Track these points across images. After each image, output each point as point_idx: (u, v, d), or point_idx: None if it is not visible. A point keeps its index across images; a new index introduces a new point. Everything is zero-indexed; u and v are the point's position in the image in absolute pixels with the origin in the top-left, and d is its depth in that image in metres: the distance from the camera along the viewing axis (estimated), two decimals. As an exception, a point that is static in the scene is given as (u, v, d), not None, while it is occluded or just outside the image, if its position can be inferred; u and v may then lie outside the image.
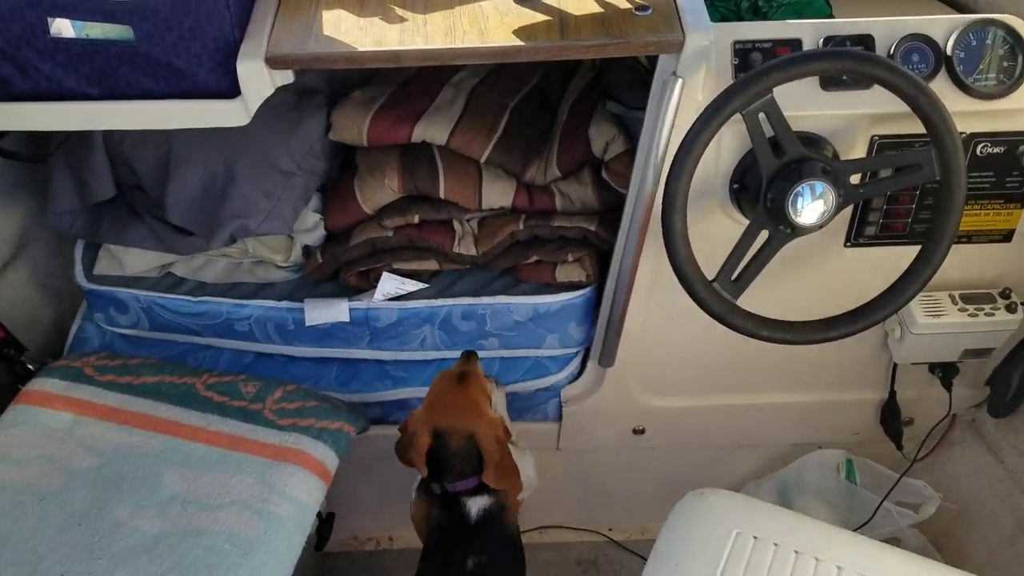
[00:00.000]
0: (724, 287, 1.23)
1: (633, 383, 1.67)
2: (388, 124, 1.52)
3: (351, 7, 1.26)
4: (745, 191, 1.33)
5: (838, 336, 1.26)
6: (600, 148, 1.49)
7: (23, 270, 1.68)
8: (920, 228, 1.40)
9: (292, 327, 1.60)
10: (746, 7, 1.39)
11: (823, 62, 1.13)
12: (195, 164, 1.47)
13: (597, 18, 1.21)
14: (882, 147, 1.31)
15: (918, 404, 1.70)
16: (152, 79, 1.21)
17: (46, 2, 1.16)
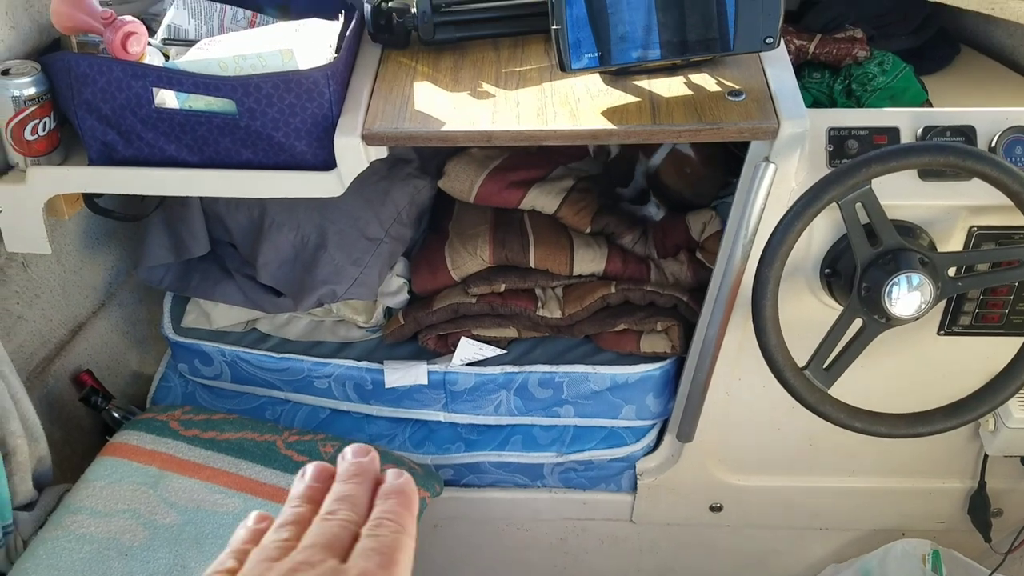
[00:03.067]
0: (816, 375, 1.21)
1: (711, 459, 1.64)
2: (501, 185, 1.55)
3: (444, 84, 1.28)
4: (837, 276, 1.30)
5: (932, 432, 1.22)
6: (698, 232, 1.50)
7: (111, 318, 1.73)
8: (1017, 319, 1.35)
9: (370, 387, 1.62)
10: (839, 90, 1.37)
11: (925, 156, 1.11)
12: (288, 228, 1.51)
13: (688, 101, 1.21)
14: (980, 238, 1.27)
15: (1009, 495, 1.63)
16: (251, 150, 1.24)
17: (152, 74, 1.21)
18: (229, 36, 1.28)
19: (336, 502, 0.44)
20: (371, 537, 0.42)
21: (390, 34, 1.32)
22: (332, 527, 0.42)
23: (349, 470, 0.46)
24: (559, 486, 1.73)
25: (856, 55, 1.38)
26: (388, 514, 0.44)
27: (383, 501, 0.45)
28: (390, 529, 0.43)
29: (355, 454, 0.47)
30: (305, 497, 0.46)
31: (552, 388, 1.60)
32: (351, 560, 0.41)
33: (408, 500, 0.45)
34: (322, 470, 0.48)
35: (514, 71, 1.30)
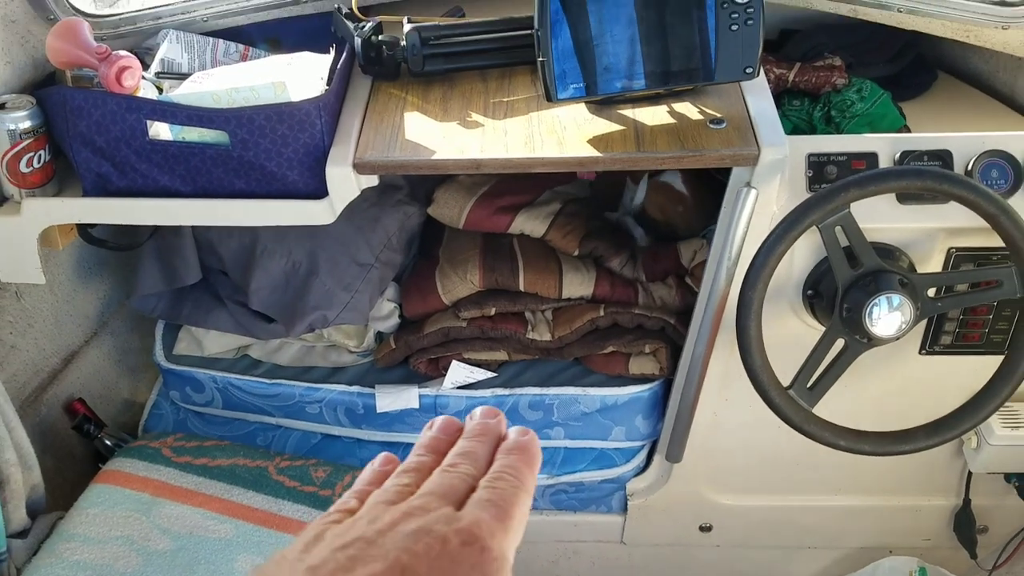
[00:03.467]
0: (800, 395, 1.23)
1: (700, 479, 1.66)
2: (489, 211, 1.58)
3: (434, 114, 1.31)
4: (819, 298, 1.33)
5: (915, 449, 1.24)
6: (688, 259, 1.53)
7: (103, 347, 1.74)
8: (997, 339, 1.38)
9: (362, 411, 1.63)
10: (819, 117, 1.41)
11: (902, 180, 1.14)
12: (279, 255, 1.53)
13: (671, 130, 1.24)
14: (959, 260, 1.30)
15: (993, 512, 1.65)
16: (244, 180, 1.27)
17: (146, 107, 1.23)
18: (222, 69, 1.30)
19: (458, 456, 0.44)
20: (488, 488, 0.42)
21: (380, 66, 1.34)
22: (451, 478, 0.43)
23: (475, 429, 0.46)
24: (550, 508, 1.75)
25: (835, 83, 1.42)
26: (508, 468, 0.44)
27: (504, 456, 0.45)
28: (508, 483, 0.42)
29: (483, 415, 0.47)
30: (430, 447, 0.46)
31: (542, 410, 1.62)
32: (466, 508, 0.41)
33: (531, 457, 0.45)
34: (449, 423, 0.48)
35: (502, 101, 1.33)
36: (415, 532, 0.38)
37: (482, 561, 0.38)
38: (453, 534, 0.38)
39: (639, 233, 1.69)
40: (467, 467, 0.44)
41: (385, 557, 0.37)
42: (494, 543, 0.39)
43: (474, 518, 0.39)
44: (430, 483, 0.43)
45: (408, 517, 0.39)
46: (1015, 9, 1.33)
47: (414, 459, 0.45)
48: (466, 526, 0.39)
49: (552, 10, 1.15)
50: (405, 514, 0.40)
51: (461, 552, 0.37)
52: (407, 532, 0.38)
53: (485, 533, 0.39)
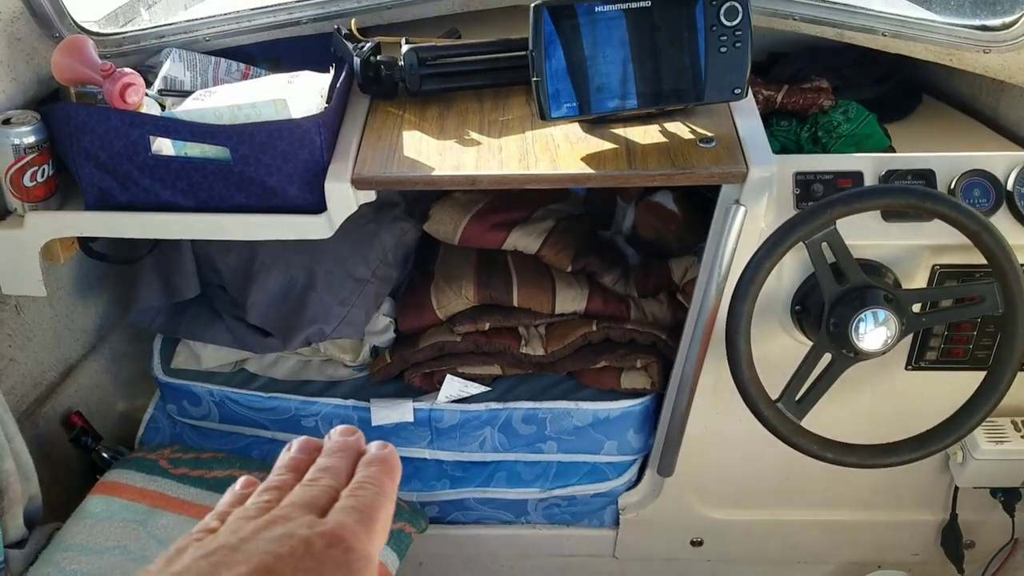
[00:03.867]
0: (788, 408, 1.26)
1: (692, 493, 1.68)
2: (484, 227, 1.60)
3: (430, 132, 1.34)
4: (807, 313, 1.35)
5: (901, 462, 1.27)
6: (679, 276, 1.56)
7: (101, 360, 1.76)
8: (981, 354, 1.40)
9: (356, 425, 1.64)
10: (806, 137, 1.44)
11: (886, 198, 1.17)
12: (277, 269, 1.55)
13: (662, 148, 1.27)
14: (943, 276, 1.33)
15: (980, 527, 1.67)
16: (244, 194, 1.29)
17: (150, 123, 1.26)
18: (223, 87, 1.33)
19: (318, 471, 0.45)
20: (350, 496, 0.43)
21: (378, 85, 1.37)
22: (312, 491, 0.43)
23: (334, 446, 0.47)
24: (543, 522, 1.76)
25: (822, 104, 1.45)
26: (368, 478, 0.45)
27: (364, 468, 0.46)
28: (370, 491, 0.43)
29: (341, 433, 0.48)
30: (289, 467, 0.47)
31: (536, 424, 1.63)
32: (329, 515, 0.42)
33: (391, 467, 0.46)
34: (308, 443, 0.48)
35: (497, 120, 1.36)
36: (279, 537, 0.39)
37: (347, 560, 0.39)
38: (317, 537, 0.39)
39: (630, 253, 1.72)
40: (328, 480, 0.44)
41: (249, 561, 0.37)
42: (358, 544, 0.40)
43: (337, 522, 0.40)
44: (292, 495, 0.43)
45: (271, 525, 0.40)
46: (995, 34, 1.37)
47: (274, 479, 0.46)
48: (330, 529, 0.40)
49: (546, 32, 1.19)
50: (268, 522, 0.40)
51: (326, 553, 0.38)
52: (271, 537, 0.39)
53: (349, 535, 0.40)
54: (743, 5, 1.19)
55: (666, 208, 1.63)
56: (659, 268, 1.65)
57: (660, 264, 1.65)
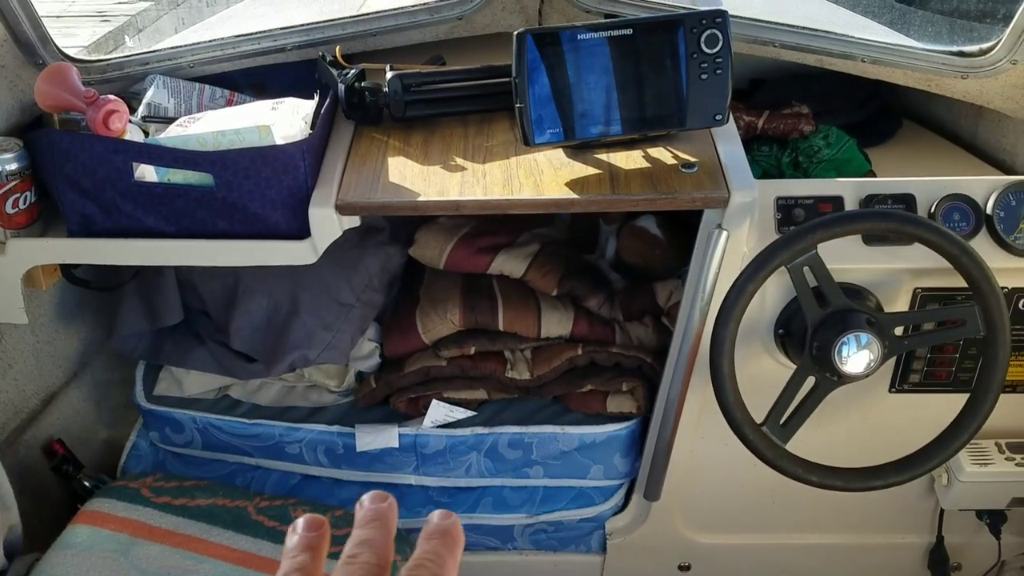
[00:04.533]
0: (773, 431, 1.26)
1: (679, 517, 1.67)
2: (469, 252, 1.60)
3: (415, 158, 1.34)
4: (790, 337, 1.36)
5: (885, 485, 1.27)
6: (664, 299, 1.57)
7: (83, 387, 1.74)
8: (964, 377, 1.41)
9: (342, 451, 1.64)
10: (787, 162, 1.46)
11: (867, 222, 1.18)
12: (260, 294, 1.55)
13: (645, 173, 1.28)
14: (925, 299, 1.34)
15: (966, 549, 1.67)
16: (227, 221, 1.29)
17: (133, 150, 1.26)
18: (207, 113, 1.33)
19: (357, 546, 0.41)
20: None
21: (363, 111, 1.38)
22: (355, 570, 0.40)
23: (367, 515, 0.43)
24: (529, 548, 1.75)
25: (802, 129, 1.47)
26: (428, 554, 0.41)
27: (425, 541, 0.42)
28: (430, 571, 0.40)
29: (372, 500, 0.44)
30: (302, 547, 0.43)
31: (522, 449, 1.63)
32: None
33: (453, 541, 0.42)
34: (313, 520, 0.44)
35: (481, 145, 1.37)
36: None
37: None
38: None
39: (615, 277, 1.73)
40: (367, 556, 0.41)
41: None
42: None
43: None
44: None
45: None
46: (973, 60, 1.40)
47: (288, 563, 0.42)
48: None
49: (529, 59, 1.20)
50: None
51: None
52: None
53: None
54: (723, 33, 1.21)
55: (650, 232, 1.64)
56: (644, 291, 1.65)
57: (645, 287, 1.65)
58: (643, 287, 1.66)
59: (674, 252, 1.63)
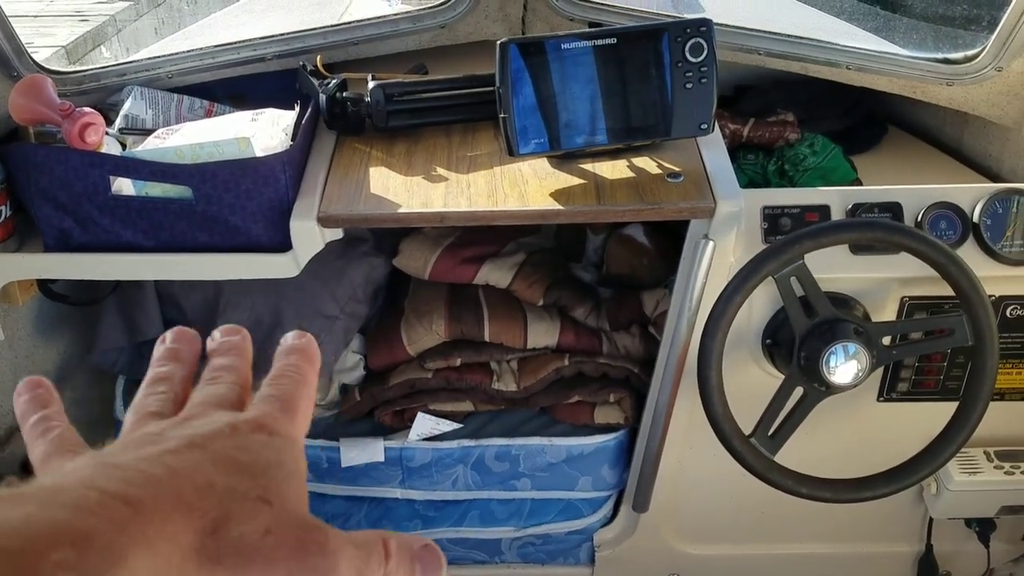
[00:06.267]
0: (761, 443, 1.25)
1: (667, 528, 1.66)
2: (454, 262, 1.59)
3: (398, 168, 1.33)
4: (778, 347, 1.35)
5: (875, 496, 1.26)
6: (651, 308, 1.55)
7: (63, 403, 1.71)
8: (952, 385, 1.40)
9: (326, 465, 1.61)
10: (772, 170, 1.45)
11: (853, 232, 1.17)
12: (243, 308, 1.53)
13: (631, 183, 1.26)
14: (912, 308, 1.33)
15: (955, 558, 1.67)
16: (207, 234, 1.27)
17: (109, 163, 1.24)
18: (186, 125, 1.31)
19: (217, 370, 0.42)
20: (271, 386, 0.40)
21: (345, 122, 1.36)
22: (217, 388, 0.40)
23: (224, 346, 0.44)
24: (517, 561, 1.73)
25: (788, 137, 1.46)
26: (289, 367, 0.42)
27: (284, 357, 0.43)
28: (291, 379, 0.41)
29: (225, 333, 0.45)
30: (169, 356, 0.43)
31: (509, 461, 1.61)
32: (250, 406, 0.39)
33: (310, 356, 0.43)
34: (183, 332, 0.44)
35: (465, 155, 1.36)
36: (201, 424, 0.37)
37: (271, 442, 0.37)
38: (242, 423, 0.37)
39: (601, 289, 1.72)
40: (230, 376, 0.41)
41: (178, 439, 0.35)
42: (281, 429, 0.38)
43: (259, 411, 0.38)
44: (197, 394, 0.40)
45: (188, 419, 0.38)
46: (958, 67, 1.39)
47: (159, 370, 0.42)
48: (252, 417, 0.38)
49: (513, 68, 1.18)
50: (185, 417, 0.38)
51: (250, 436, 0.37)
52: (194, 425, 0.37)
53: (271, 421, 0.38)
54: (708, 42, 1.20)
55: (637, 241, 1.63)
56: (631, 301, 1.64)
57: (632, 296, 1.64)
58: (630, 296, 1.65)
59: (661, 261, 1.62)
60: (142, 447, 0.35)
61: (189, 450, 0.35)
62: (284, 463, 0.37)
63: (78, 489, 0.30)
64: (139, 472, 0.33)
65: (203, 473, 0.34)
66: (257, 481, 0.35)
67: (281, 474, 0.36)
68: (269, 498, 0.35)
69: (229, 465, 0.35)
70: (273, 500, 0.35)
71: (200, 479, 0.33)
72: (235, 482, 0.34)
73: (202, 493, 0.33)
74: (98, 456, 0.35)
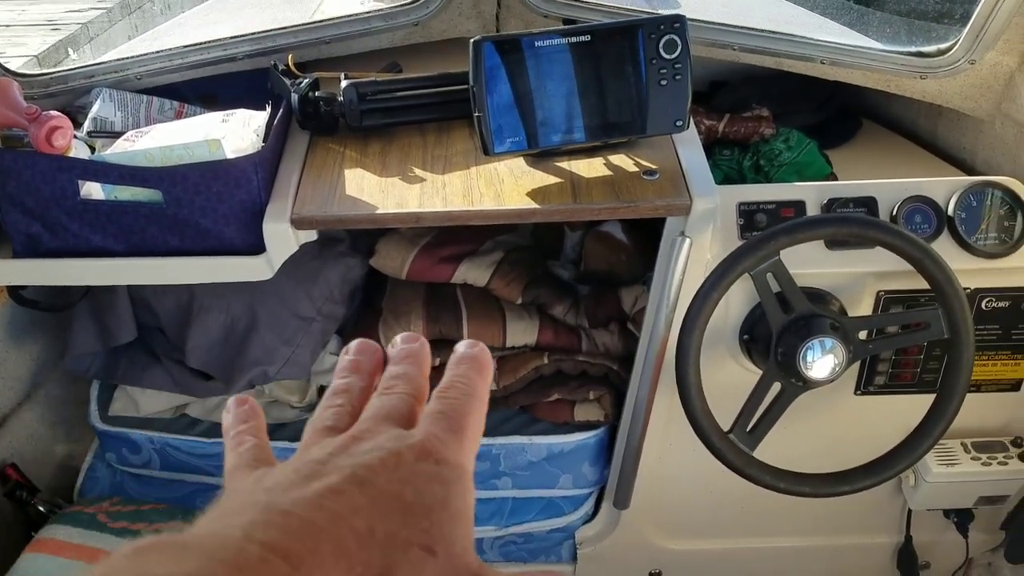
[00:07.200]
0: (740, 438, 1.25)
1: (649, 525, 1.66)
2: (432, 261, 1.58)
3: (372, 169, 1.31)
4: (755, 342, 1.35)
5: (854, 490, 1.26)
6: (629, 305, 1.55)
7: (36, 409, 1.69)
8: (929, 378, 1.41)
9: (305, 468, 1.60)
10: (748, 166, 1.45)
11: (828, 227, 1.17)
12: (217, 310, 1.51)
13: (607, 181, 1.26)
14: (888, 302, 1.34)
15: (934, 548, 1.68)
16: (179, 237, 1.25)
17: (78, 167, 1.22)
18: (156, 127, 1.29)
19: (392, 379, 0.42)
20: (439, 399, 0.40)
21: (318, 121, 1.35)
22: (390, 400, 0.40)
23: (401, 353, 0.44)
24: (499, 560, 1.73)
25: (763, 133, 1.46)
26: (459, 378, 0.41)
27: (454, 367, 0.42)
28: (460, 391, 0.40)
29: (405, 340, 0.45)
30: (351, 368, 0.44)
31: (489, 460, 1.61)
32: (418, 424, 0.39)
33: (481, 365, 0.42)
34: (366, 344, 0.45)
35: (440, 155, 1.34)
36: (367, 451, 0.37)
37: (439, 472, 0.36)
38: (407, 449, 0.36)
39: (579, 286, 1.71)
40: (403, 387, 0.41)
41: (340, 471, 0.35)
42: (449, 455, 0.37)
43: (426, 433, 0.37)
44: (370, 407, 0.40)
45: (356, 441, 0.38)
46: (931, 60, 1.40)
47: (339, 382, 0.43)
48: (419, 441, 0.37)
49: (487, 67, 1.17)
50: (352, 438, 0.38)
51: (416, 466, 0.36)
52: (359, 452, 0.37)
53: (439, 446, 0.37)
54: (681, 38, 1.19)
55: (615, 237, 1.63)
56: (609, 297, 1.63)
57: (610, 293, 1.63)
58: (608, 293, 1.64)
59: (639, 257, 1.62)
60: (308, 483, 0.35)
61: (351, 487, 0.34)
62: (450, 501, 0.36)
63: (240, 543, 0.31)
64: (301, 520, 0.32)
65: (365, 517, 0.33)
66: (420, 525, 0.34)
67: (446, 515, 0.35)
68: (433, 546, 0.34)
69: (392, 505, 0.34)
70: (438, 549, 0.34)
71: (361, 525, 0.33)
72: (397, 527, 0.34)
73: (363, 542, 0.33)
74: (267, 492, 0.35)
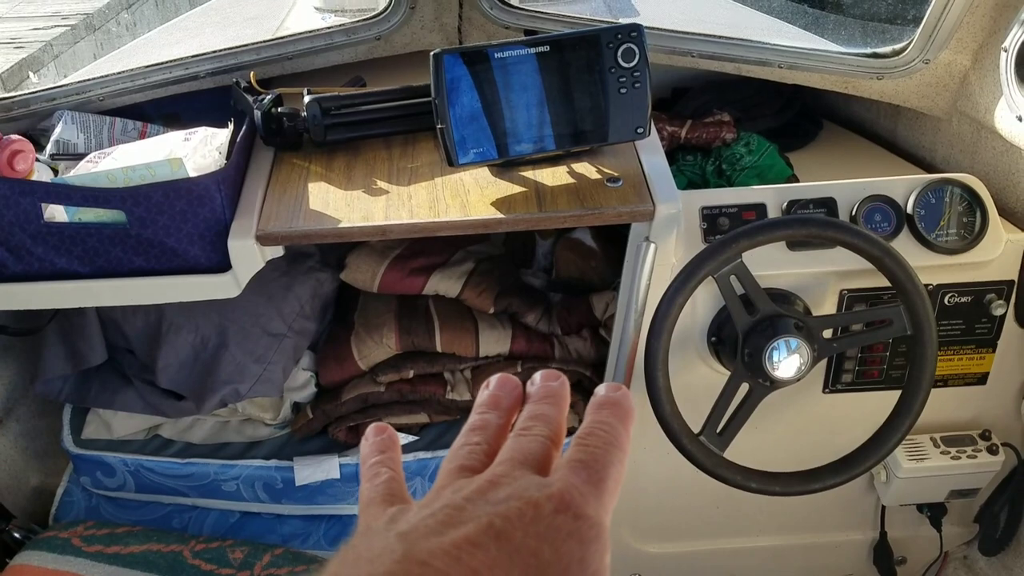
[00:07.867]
0: (710, 440, 1.26)
1: (625, 528, 1.67)
2: (402, 273, 1.58)
3: (338, 183, 1.32)
4: (723, 344, 1.36)
5: (824, 487, 1.27)
6: (601, 311, 1.56)
7: (9, 435, 1.68)
8: (895, 374, 1.43)
9: (281, 485, 1.60)
10: (711, 170, 1.46)
11: (788, 229, 1.19)
12: (186, 330, 1.50)
13: (571, 189, 1.27)
14: (851, 300, 1.36)
15: (910, 543, 1.69)
16: (143, 257, 1.25)
17: (40, 190, 1.21)
18: (119, 148, 1.29)
19: (529, 419, 0.41)
20: (579, 447, 0.38)
21: (282, 137, 1.35)
22: (528, 442, 0.39)
23: (540, 392, 0.43)
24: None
25: (724, 137, 1.48)
26: (600, 424, 0.40)
27: (595, 411, 0.41)
28: (601, 439, 0.39)
29: (544, 378, 0.44)
30: (490, 404, 0.43)
31: (465, 472, 1.60)
32: (557, 472, 0.37)
33: (624, 412, 0.41)
34: (506, 379, 0.44)
35: (406, 167, 1.35)
36: (504, 498, 0.36)
37: (577, 528, 0.35)
38: (545, 500, 0.35)
39: (551, 293, 1.72)
40: (541, 428, 0.40)
41: (477, 520, 0.34)
42: (588, 509, 0.36)
43: (565, 484, 0.36)
44: (507, 449, 0.39)
45: (493, 486, 0.37)
46: (887, 61, 1.42)
47: (477, 418, 0.43)
48: (557, 491, 0.36)
49: (448, 79, 1.18)
50: (489, 483, 0.37)
51: (555, 519, 0.35)
52: (496, 499, 0.36)
53: (578, 499, 0.36)
54: (639, 46, 1.21)
55: (585, 244, 1.64)
56: (581, 304, 1.64)
57: (582, 300, 1.64)
58: (580, 300, 1.65)
59: (610, 263, 1.63)
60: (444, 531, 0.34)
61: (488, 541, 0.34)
62: (587, 562, 0.35)
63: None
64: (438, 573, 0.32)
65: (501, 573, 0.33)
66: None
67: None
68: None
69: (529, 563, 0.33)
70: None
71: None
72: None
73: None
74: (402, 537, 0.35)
